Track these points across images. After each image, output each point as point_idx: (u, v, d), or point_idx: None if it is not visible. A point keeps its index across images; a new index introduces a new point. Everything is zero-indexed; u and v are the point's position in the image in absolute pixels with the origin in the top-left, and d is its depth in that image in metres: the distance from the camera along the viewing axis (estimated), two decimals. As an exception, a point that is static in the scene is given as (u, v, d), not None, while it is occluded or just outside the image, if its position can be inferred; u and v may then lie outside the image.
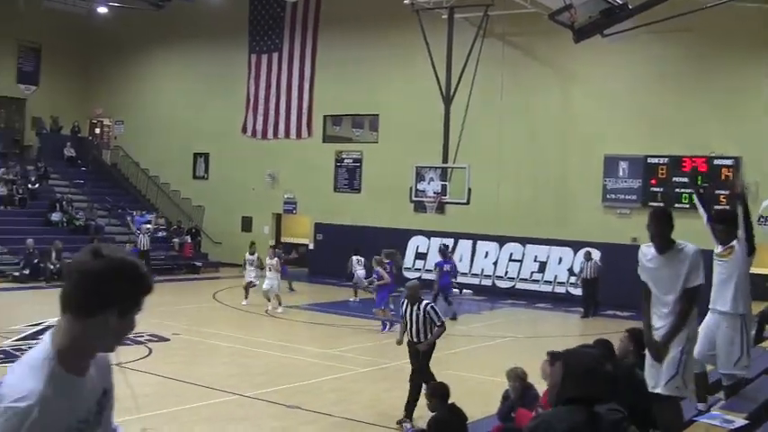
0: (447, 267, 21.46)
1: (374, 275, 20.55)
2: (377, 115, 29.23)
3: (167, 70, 35.24)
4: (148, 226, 29.06)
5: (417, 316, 10.91)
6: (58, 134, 35.77)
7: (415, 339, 11.01)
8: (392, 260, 20.75)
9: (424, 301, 11.09)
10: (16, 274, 25.27)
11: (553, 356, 7.68)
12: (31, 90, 36.15)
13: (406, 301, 11.18)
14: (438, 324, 10.89)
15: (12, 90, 35.49)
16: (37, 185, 31.23)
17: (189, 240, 31.12)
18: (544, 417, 4.24)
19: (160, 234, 31.22)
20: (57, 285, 21.93)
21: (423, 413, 9.39)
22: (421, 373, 10.67)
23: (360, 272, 23.20)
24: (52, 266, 25.49)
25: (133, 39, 35.02)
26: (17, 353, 14.14)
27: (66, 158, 34.84)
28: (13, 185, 30.26)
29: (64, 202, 30.60)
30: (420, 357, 10.87)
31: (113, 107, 36.74)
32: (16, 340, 15.74)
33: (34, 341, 11.90)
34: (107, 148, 37.06)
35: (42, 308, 18.30)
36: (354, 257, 23.53)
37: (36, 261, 25.65)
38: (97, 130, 37.92)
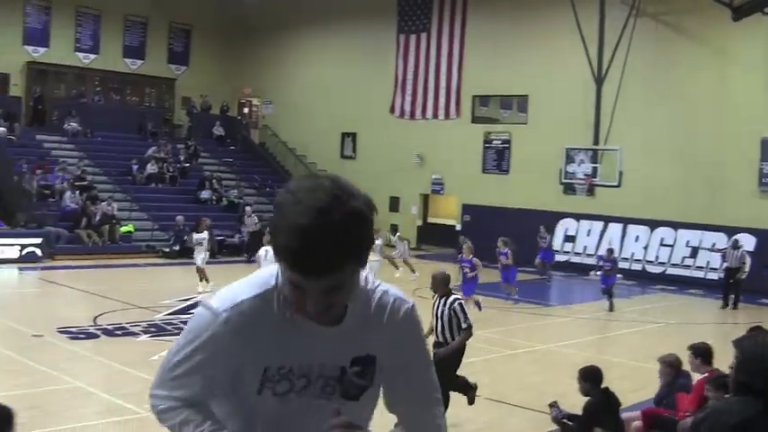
0: (607, 267, 25.24)
1: (501, 256, 25.44)
2: (526, 96, 35.91)
3: (316, 50, 43.53)
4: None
5: (443, 312, 11.62)
6: (208, 114, 44.77)
7: (440, 339, 11.71)
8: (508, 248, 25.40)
9: (453, 296, 11.78)
10: (166, 249, 32.76)
11: (694, 350, 10.33)
12: (181, 70, 45.42)
13: (433, 293, 12.14)
14: (464, 326, 11.56)
15: (163, 70, 44.90)
16: (187, 164, 39.87)
17: (336, 221, 38.72)
18: (714, 408, 4.69)
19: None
20: (210, 262, 29.95)
21: (573, 400, 10.75)
22: (442, 384, 12.02)
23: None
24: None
25: (283, 19, 43.61)
26: (168, 326, 18.59)
27: (215, 137, 43.74)
28: (164, 164, 38.82)
29: (213, 181, 38.98)
30: (439, 363, 9.98)
31: (262, 87, 45.35)
32: (167, 314, 20.10)
33: (184, 315, 19.25)
34: (255, 128, 45.76)
35: (191, 282, 25.45)
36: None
37: (185, 238, 33.30)
38: (246, 110, 46.58)
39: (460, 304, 11.64)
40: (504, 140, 36.74)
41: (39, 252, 29.62)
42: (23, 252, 29.19)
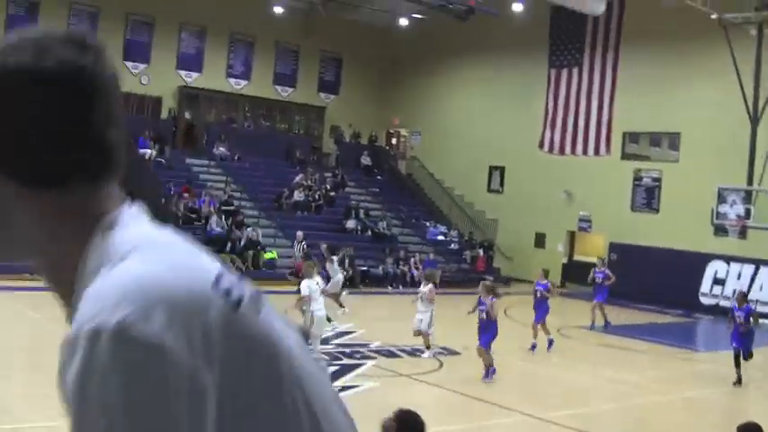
0: (740, 316, 21.41)
1: (597, 275, 25.98)
2: (678, 133, 35.38)
3: (465, 82, 43.86)
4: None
5: None
6: (356, 143, 45.49)
7: None
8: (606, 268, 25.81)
9: None
10: (311, 277, 33.85)
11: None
12: (330, 99, 46.31)
13: None
14: None
15: (313, 98, 45.87)
16: (333, 193, 40.62)
17: (481, 254, 38.97)
18: None
19: (452, 247, 39.49)
20: (348, 291, 30.35)
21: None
22: None
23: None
24: (345, 272, 34.08)
25: (433, 50, 44.00)
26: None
27: (362, 167, 44.39)
28: (311, 191, 39.69)
29: (360, 210, 39.61)
30: None
31: (410, 118, 45.86)
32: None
33: (327, 346, 19.56)
34: (403, 159, 46.21)
35: (332, 312, 25.84)
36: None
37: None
38: (394, 140, 47.17)
39: None
40: (655, 178, 36.25)
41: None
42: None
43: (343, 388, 15.78)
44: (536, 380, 19.17)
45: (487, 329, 17.68)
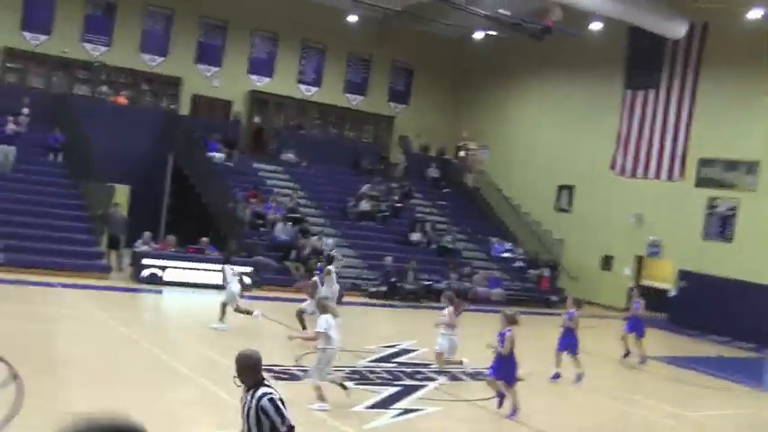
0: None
1: (635, 305, 24.76)
2: (756, 162, 34.59)
3: (537, 99, 43.47)
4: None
5: (248, 411, 8.26)
6: (424, 154, 45.19)
7: None
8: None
9: (263, 389, 8.28)
10: (373, 290, 33.28)
11: None
12: (400, 109, 46.14)
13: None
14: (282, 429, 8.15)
15: (382, 107, 45.75)
16: (400, 204, 40.35)
17: (546, 273, 38.46)
18: None
19: (517, 264, 39.04)
20: (411, 305, 30.16)
21: None
22: None
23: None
24: (408, 286, 33.83)
25: (506, 65, 43.69)
26: (371, 375, 18.45)
27: (429, 179, 44.00)
28: (377, 202, 39.46)
29: (426, 223, 39.25)
30: None
31: (480, 132, 45.40)
32: (370, 361, 20.03)
33: (388, 364, 19.29)
34: (471, 172, 45.78)
35: (397, 328, 25.70)
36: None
37: (393, 279, 33.62)
38: (462, 154, 46.76)
39: (272, 400, 8.11)
40: (730, 207, 35.46)
41: (247, 280, 30.49)
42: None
43: (405, 411, 15.53)
44: (589, 408, 18.68)
45: (506, 363, 16.48)
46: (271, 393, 8.19)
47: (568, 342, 20.67)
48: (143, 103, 40.54)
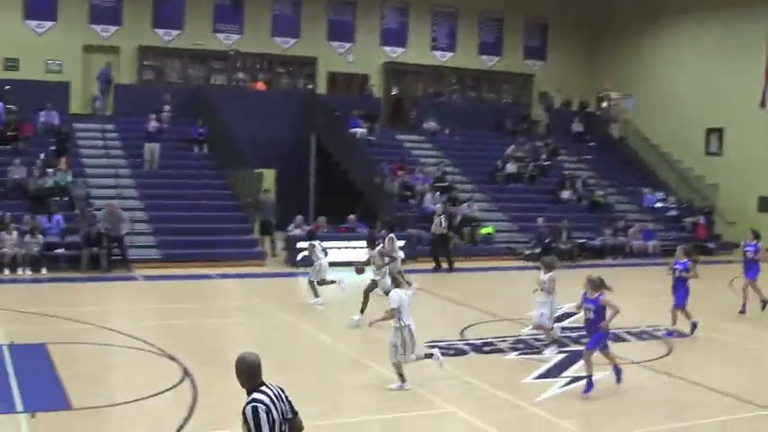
0: None
1: (747, 249, 22.08)
2: None
3: (679, 42, 42.14)
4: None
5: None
6: (566, 109, 44.46)
7: None
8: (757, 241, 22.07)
9: (254, 395, 7.32)
10: (527, 252, 32.85)
11: None
12: (538, 65, 45.46)
13: None
14: None
15: (519, 66, 45.12)
16: (547, 163, 39.79)
17: (702, 221, 37.43)
18: None
19: (671, 214, 38.14)
20: (567, 266, 29.72)
21: None
22: None
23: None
24: (563, 246, 33.31)
25: (644, 9, 42.51)
26: (536, 343, 17.89)
27: (573, 134, 43.29)
28: (523, 162, 39.00)
29: (575, 180, 38.64)
30: None
31: (622, 81, 44.35)
32: (533, 329, 18.94)
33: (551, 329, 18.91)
34: (615, 123, 44.85)
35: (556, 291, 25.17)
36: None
37: (547, 240, 33.10)
38: (605, 105, 45.86)
39: (255, 409, 7.07)
40: None
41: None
42: (385, 255, 30.17)
43: (574, 379, 15.25)
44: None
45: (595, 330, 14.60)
46: (257, 402, 7.23)
47: (682, 295, 19.26)
48: (280, 87, 40.94)
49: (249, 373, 7.48)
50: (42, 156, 31.27)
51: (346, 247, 29.76)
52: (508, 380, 15.08)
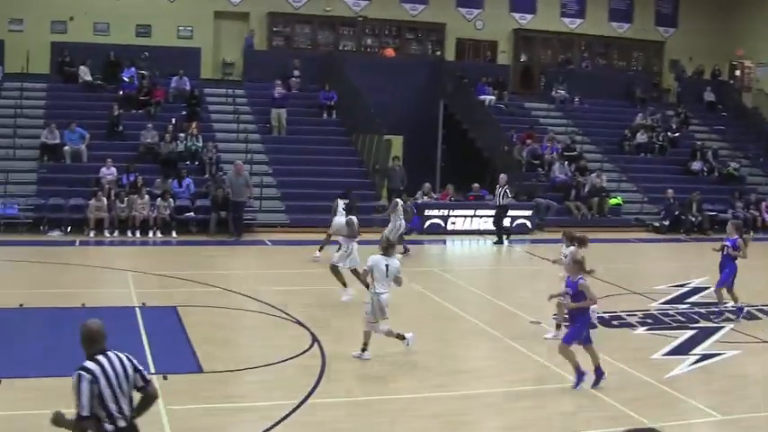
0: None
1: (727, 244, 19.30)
2: None
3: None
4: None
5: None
6: (698, 78, 43.64)
7: None
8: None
9: (85, 363, 7.37)
10: (656, 224, 32.58)
11: None
12: (669, 32, 44.65)
13: None
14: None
15: (650, 33, 44.36)
16: (677, 133, 39.20)
17: None
18: None
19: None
20: (696, 239, 29.33)
21: None
22: None
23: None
24: (693, 218, 32.84)
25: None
26: (665, 318, 18.04)
27: (705, 103, 42.49)
28: (653, 132, 38.51)
29: (707, 151, 37.94)
30: None
31: (755, 48, 43.28)
32: (662, 303, 19.54)
33: (681, 305, 18.81)
34: (748, 92, 43.88)
35: (685, 264, 24.97)
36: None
37: (676, 213, 32.67)
38: (737, 73, 44.88)
39: (79, 376, 7.15)
40: None
41: (528, 224, 30.69)
42: (514, 224, 30.35)
43: (703, 357, 15.25)
44: None
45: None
46: (83, 370, 7.22)
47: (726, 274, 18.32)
48: (408, 53, 41.15)
49: (88, 341, 7.45)
50: (174, 120, 32.25)
51: (473, 216, 30.05)
52: (638, 356, 15.09)
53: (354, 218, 19.62)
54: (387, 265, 14.33)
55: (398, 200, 25.43)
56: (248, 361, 14.09)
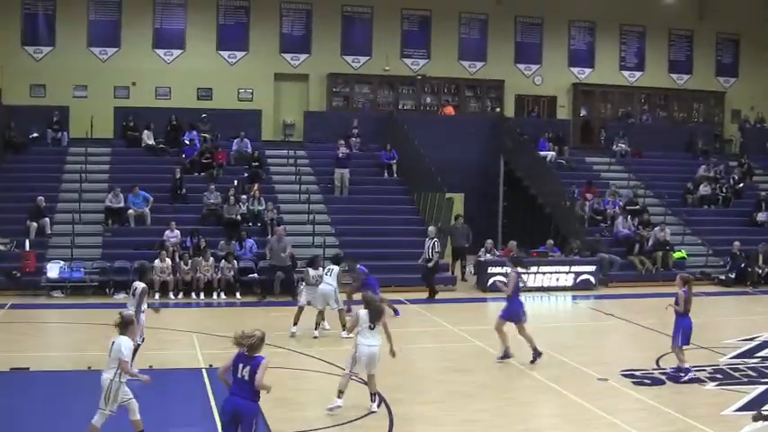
0: None
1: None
2: None
3: None
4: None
5: None
6: (761, 127, 43.39)
7: None
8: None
9: None
10: (722, 277, 32.18)
11: None
12: (730, 82, 44.49)
13: None
14: None
15: (710, 83, 44.26)
16: (741, 183, 38.83)
17: None
18: None
19: None
20: (764, 291, 28.93)
21: None
22: None
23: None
24: (759, 270, 32.35)
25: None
26: (735, 373, 17.69)
27: (768, 153, 42.00)
28: (716, 183, 38.19)
29: (772, 201, 37.34)
30: None
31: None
32: (732, 357, 19.26)
33: (752, 359, 18.51)
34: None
35: (754, 318, 24.50)
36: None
37: (742, 264, 32.24)
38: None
39: None
40: None
41: (592, 279, 30.51)
42: (577, 280, 30.24)
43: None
44: None
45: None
46: None
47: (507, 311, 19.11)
48: (467, 110, 41.38)
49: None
50: (236, 182, 32.71)
51: (539, 273, 29.92)
52: (709, 412, 14.92)
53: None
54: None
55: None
56: (318, 422, 14.12)
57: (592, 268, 30.62)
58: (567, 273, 30.32)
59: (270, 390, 10.86)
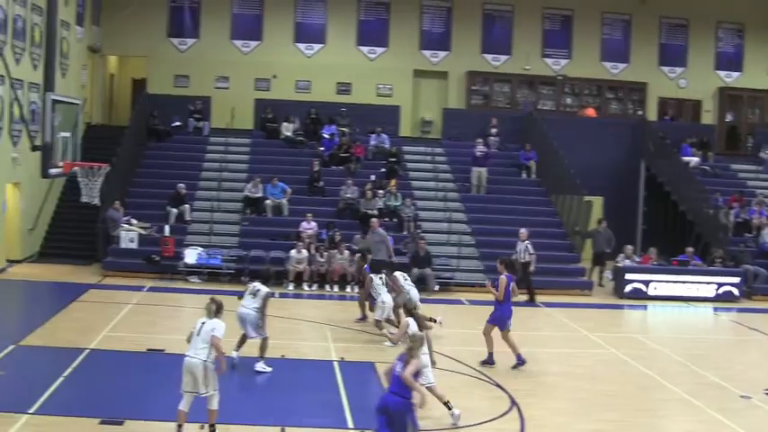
0: None
1: None
2: None
3: None
4: None
5: None
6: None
7: None
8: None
9: None
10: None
11: None
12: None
13: None
14: None
15: None
16: None
17: None
18: None
19: None
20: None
21: None
22: None
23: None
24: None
25: None
26: None
27: None
28: None
29: None
30: None
31: None
32: None
33: None
34: None
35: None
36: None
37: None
38: None
39: None
40: None
41: (736, 292, 29.58)
42: (719, 291, 29.37)
43: None
44: None
45: None
46: None
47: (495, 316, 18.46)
48: (609, 112, 40.68)
49: None
50: (373, 177, 32.79)
51: (680, 282, 29.18)
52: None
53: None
54: None
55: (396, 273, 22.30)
56: (446, 421, 13.99)
57: (736, 280, 29.65)
58: (708, 283, 29.40)
59: (418, 388, 11.03)
